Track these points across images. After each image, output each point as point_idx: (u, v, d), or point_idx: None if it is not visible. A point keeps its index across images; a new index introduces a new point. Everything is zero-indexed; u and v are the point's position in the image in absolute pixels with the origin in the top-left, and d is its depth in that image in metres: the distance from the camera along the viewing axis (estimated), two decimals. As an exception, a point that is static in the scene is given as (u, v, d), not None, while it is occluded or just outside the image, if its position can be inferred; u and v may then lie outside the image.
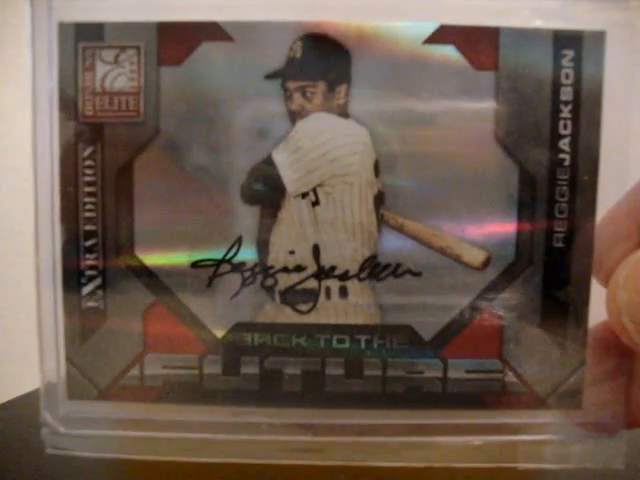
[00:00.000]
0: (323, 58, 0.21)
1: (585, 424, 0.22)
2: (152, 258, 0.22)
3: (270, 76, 0.21)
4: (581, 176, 0.21)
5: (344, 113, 0.21)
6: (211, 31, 0.21)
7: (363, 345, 0.22)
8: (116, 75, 0.21)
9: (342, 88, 0.21)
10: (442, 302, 0.22)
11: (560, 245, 0.21)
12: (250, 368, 0.22)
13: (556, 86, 0.21)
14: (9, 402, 0.35)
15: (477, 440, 0.22)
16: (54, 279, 0.22)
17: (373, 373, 0.22)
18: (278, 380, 0.22)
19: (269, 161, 0.21)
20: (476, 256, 0.22)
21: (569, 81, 0.21)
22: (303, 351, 0.22)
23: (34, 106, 0.21)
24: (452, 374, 0.22)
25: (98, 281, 0.22)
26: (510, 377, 0.22)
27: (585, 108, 0.21)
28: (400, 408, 0.22)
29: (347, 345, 0.22)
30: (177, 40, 0.21)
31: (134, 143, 0.21)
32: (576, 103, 0.21)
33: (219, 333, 0.22)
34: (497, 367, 0.22)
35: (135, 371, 0.22)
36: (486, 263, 0.22)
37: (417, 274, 0.22)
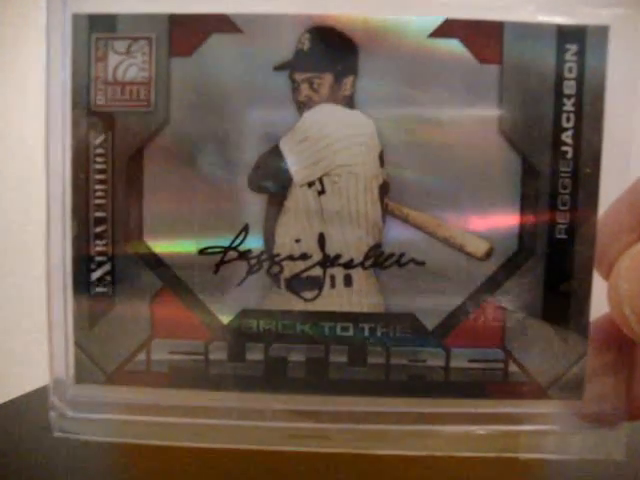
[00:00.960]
0: (330, 50, 0.21)
1: (586, 415, 0.22)
2: (160, 245, 0.22)
3: (278, 68, 0.21)
4: (583, 169, 0.21)
5: (350, 104, 0.22)
6: (221, 23, 0.21)
7: (367, 333, 0.22)
8: (128, 65, 0.21)
9: (349, 80, 0.22)
10: (445, 292, 0.22)
11: (562, 237, 0.22)
12: (255, 354, 0.22)
13: (559, 80, 0.21)
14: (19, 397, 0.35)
15: (479, 429, 0.22)
16: (64, 265, 0.22)
17: (376, 361, 0.22)
18: (282, 367, 0.22)
19: (276, 151, 0.22)
20: (479, 247, 0.22)
21: (572, 75, 0.21)
22: (307, 338, 0.22)
23: (47, 96, 0.22)
24: (455, 363, 0.22)
25: (107, 267, 0.22)
26: (512, 367, 0.22)
27: (588, 102, 0.21)
28: (403, 396, 0.22)
29: (351, 333, 0.22)
30: (188, 31, 0.21)
31: (144, 132, 0.22)
32: (579, 97, 0.21)
33: (225, 319, 0.22)
34: (499, 357, 0.22)
35: (142, 356, 0.22)
36: (489, 254, 0.22)
37: (421, 263, 0.22)
